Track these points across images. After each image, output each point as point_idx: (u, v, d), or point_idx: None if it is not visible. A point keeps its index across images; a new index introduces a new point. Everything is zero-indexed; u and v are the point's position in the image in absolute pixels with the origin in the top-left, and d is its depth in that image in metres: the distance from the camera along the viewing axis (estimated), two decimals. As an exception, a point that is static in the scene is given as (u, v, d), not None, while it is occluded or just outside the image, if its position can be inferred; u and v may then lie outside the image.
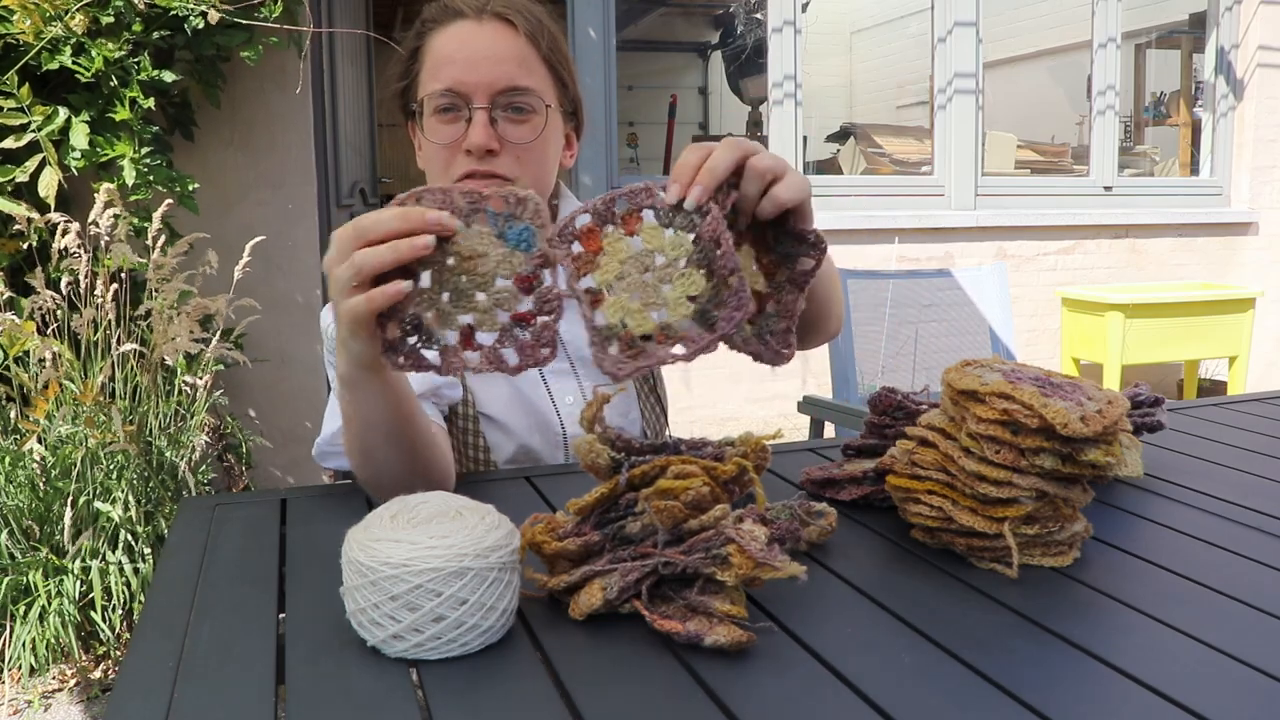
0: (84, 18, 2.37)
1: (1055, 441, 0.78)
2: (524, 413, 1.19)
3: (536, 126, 1.10)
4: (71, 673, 2.19)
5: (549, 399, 1.20)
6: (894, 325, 2.92)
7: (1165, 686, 0.63)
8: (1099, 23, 4.38)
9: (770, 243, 0.83)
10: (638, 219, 0.77)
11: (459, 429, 1.18)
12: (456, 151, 1.08)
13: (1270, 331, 4.56)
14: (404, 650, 0.65)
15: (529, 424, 1.19)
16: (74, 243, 2.27)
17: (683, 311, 0.75)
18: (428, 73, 1.10)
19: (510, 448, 1.19)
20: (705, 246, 0.75)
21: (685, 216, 0.75)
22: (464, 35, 1.09)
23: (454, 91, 1.07)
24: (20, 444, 2.23)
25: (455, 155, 1.08)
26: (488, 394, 1.18)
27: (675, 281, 0.76)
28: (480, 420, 1.18)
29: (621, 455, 0.77)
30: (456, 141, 1.08)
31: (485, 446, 1.18)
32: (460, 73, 1.07)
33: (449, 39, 1.10)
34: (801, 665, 0.65)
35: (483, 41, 1.08)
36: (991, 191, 4.27)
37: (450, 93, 1.07)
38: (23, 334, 2.22)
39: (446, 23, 1.10)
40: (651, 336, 0.76)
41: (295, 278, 3.06)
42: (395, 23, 6.15)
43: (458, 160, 1.08)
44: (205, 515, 0.96)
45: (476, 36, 1.09)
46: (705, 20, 7.22)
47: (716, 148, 0.77)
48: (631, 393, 1.27)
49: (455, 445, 1.18)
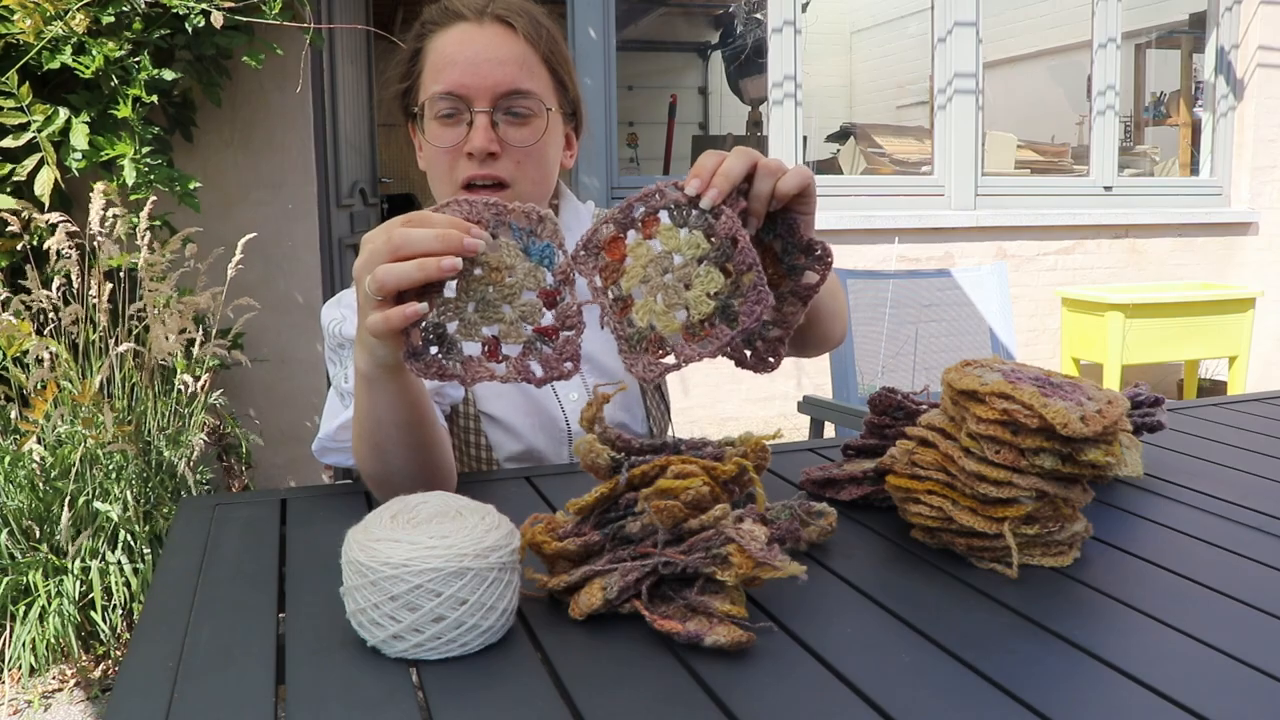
0: (84, 17, 2.37)
1: (1055, 441, 0.78)
2: (528, 411, 1.19)
3: (537, 129, 1.10)
4: (71, 673, 2.19)
5: (554, 396, 1.21)
6: (894, 325, 2.92)
7: (1165, 687, 0.63)
8: (1099, 23, 4.38)
9: (778, 254, 0.85)
10: (655, 221, 0.79)
11: (459, 428, 1.18)
12: (458, 155, 1.08)
13: (1270, 331, 4.56)
14: (404, 650, 0.65)
15: (533, 423, 1.19)
16: (64, 243, 2.27)
17: (705, 309, 0.77)
18: (429, 75, 1.10)
19: (513, 447, 1.19)
20: (722, 244, 0.77)
21: (700, 216, 0.77)
22: (464, 38, 1.09)
23: (455, 95, 1.07)
24: (19, 444, 2.23)
25: (457, 158, 1.08)
26: (489, 393, 1.18)
27: (695, 281, 0.77)
28: (481, 419, 1.18)
29: (621, 455, 0.77)
30: (458, 145, 1.08)
31: (486, 445, 1.18)
32: (461, 76, 1.07)
33: (449, 41, 1.10)
34: (801, 665, 0.65)
35: (483, 44, 1.08)
36: (991, 191, 4.27)
37: (451, 96, 1.08)
38: (21, 334, 2.22)
39: (447, 25, 1.11)
40: (678, 336, 0.78)
41: (295, 278, 3.06)
42: (395, 23, 6.16)
43: (459, 163, 1.08)
44: (205, 515, 0.96)
45: (477, 39, 1.09)
46: (705, 20, 7.22)
47: (730, 154, 0.80)
48: (636, 391, 1.27)
49: (455, 444, 1.19)
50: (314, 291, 3.08)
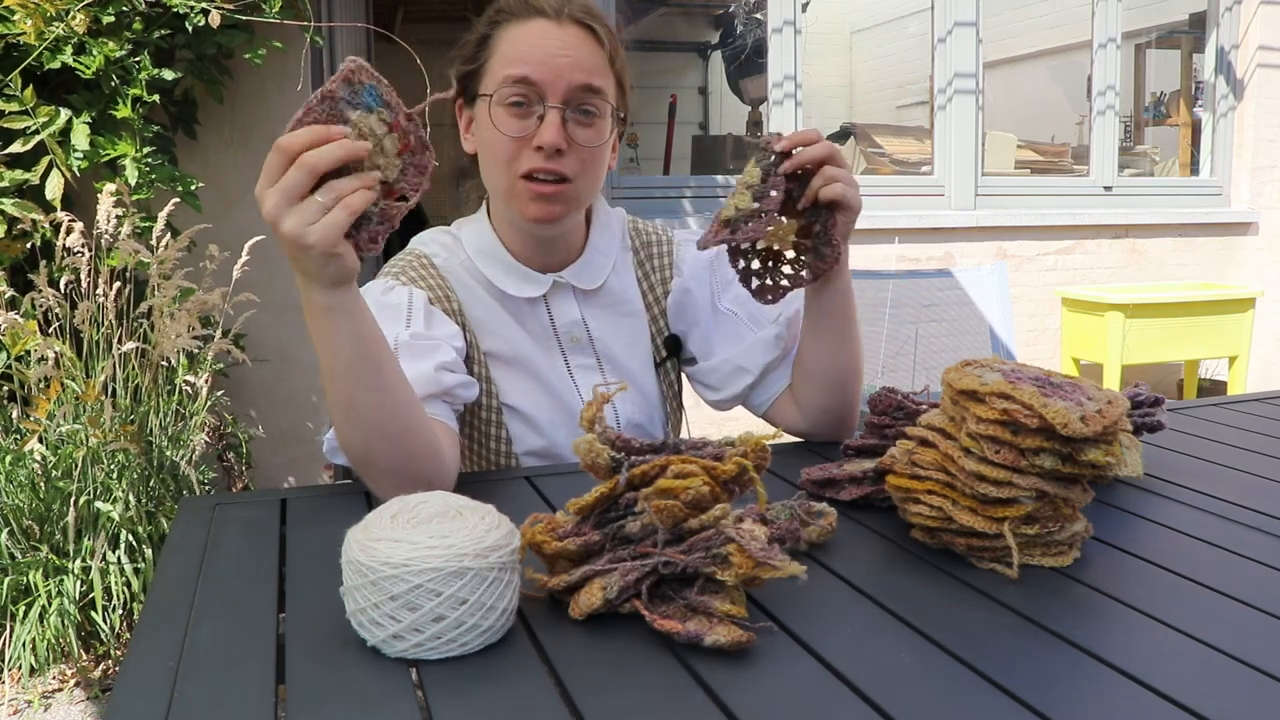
0: (85, 17, 2.37)
1: (1055, 441, 0.78)
2: (548, 406, 1.20)
3: (601, 130, 1.13)
4: (71, 673, 2.19)
5: (575, 391, 1.21)
6: (894, 325, 2.92)
7: (1165, 686, 0.63)
8: (1099, 23, 4.38)
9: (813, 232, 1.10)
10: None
11: (481, 420, 1.18)
12: (525, 145, 1.10)
13: (1270, 331, 4.56)
14: (404, 650, 0.65)
15: (553, 418, 1.20)
16: (78, 242, 2.27)
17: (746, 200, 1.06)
18: (501, 62, 1.12)
19: (534, 441, 1.20)
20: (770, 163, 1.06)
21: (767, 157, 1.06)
22: (542, 33, 1.11)
23: (529, 83, 1.09)
24: (21, 444, 2.23)
25: (523, 149, 1.10)
26: (511, 386, 1.19)
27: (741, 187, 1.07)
28: (504, 411, 1.19)
29: (621, 455, 0.77)
30: (527, 136, 1.10)
31: (508, 439, 1.19)
32: (538, 68, 1.09)
33: (527, 34, 1.11)
34: (801, 665, 0.65)
35: (561, 42, 1.11)
36: (991, 191, 4.27)
37: (525, 83, 1.09)
38: (25, 333, 2.22)
39: (525, 18, 1.12)
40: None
41: (294, 277, 3.06)
42: (395, 22, 6.15)
43: (525, 154, 1.10)
44: (205, 515, 0.96)
45: (554, 35, 1.11)
46: (705, 20, 7.21)
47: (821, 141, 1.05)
48: (655, 397, 1.28)
49: (475, 438, 1.19)
50: (314, 291, 3.08)
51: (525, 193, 1.11)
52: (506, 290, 1.18)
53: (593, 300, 1.23)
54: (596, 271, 1.23)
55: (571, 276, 1.21)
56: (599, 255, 1.24)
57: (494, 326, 1.18)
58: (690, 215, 3.87)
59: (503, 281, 1.18)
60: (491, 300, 1.18)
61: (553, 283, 1.20)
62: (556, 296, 1.21)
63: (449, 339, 1.10)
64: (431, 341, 1.07)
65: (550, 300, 1.21)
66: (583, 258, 1.23)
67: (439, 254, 1.20)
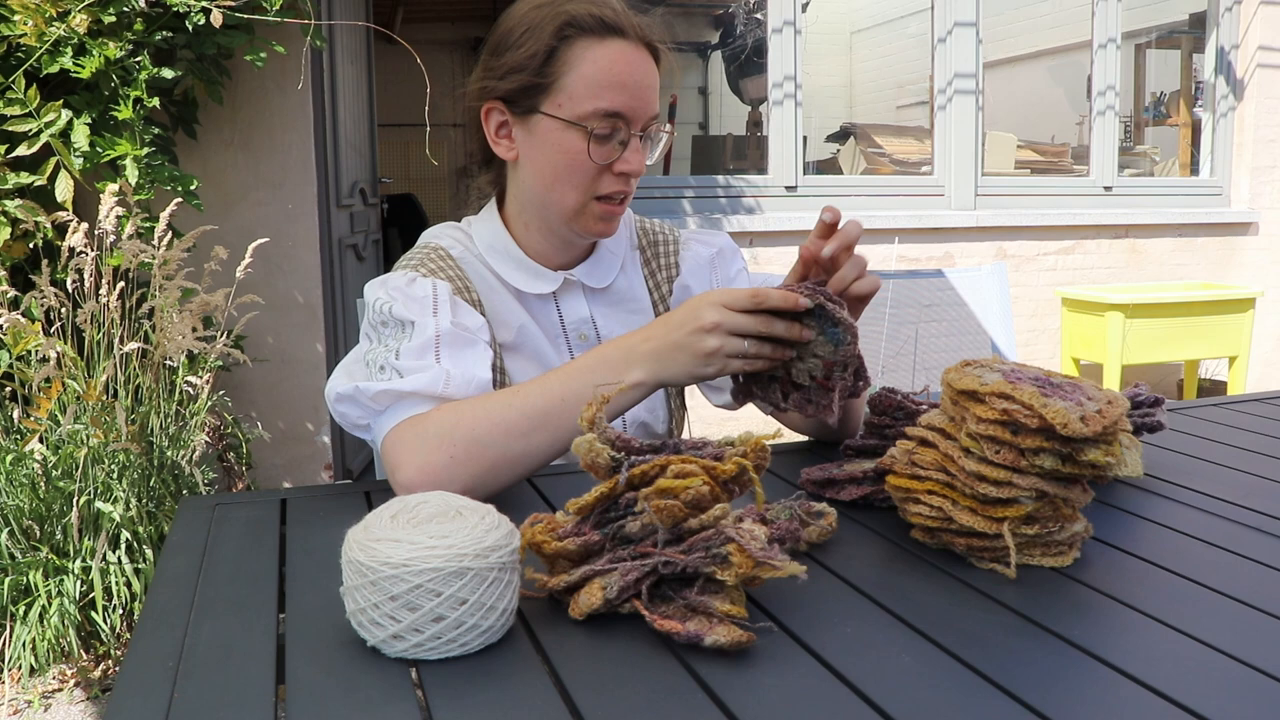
0: (85, 18, 2.37)
1: (1055, 441, 0.78)
2: None
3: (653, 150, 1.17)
4: (71, 673, 2.19)
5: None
6: (894, 325, 2.92)
7: (1165, 686, 0.63)
8: (1099, 23, 4.38)
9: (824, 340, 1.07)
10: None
11: None
12: (605, 170, 1.12)
13: (1270, 331, 4.56)
14: (404, 650, 0.65)
15: None
16: (82, 242, 2.27)
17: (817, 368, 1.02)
18: (585, 87, 1.10)
19: None
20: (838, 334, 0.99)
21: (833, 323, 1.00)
22: (626, 58, 1.11)
23: (621, 116, 1.10)
24: (22, 444, 2.23)
25: (603, 174, 1.12)
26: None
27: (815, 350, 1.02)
28: None
29: (621, 455, 0.77)
30: (610, 162, 1.12)
31: None
32: (629, 102, 1.10)
33: (611, 59, 1.10)
34: (801, 665, 0.65)
35: (642, 69, 1.12)
36: (991, 191, 4.27)
37: (618, 116, 1.10)
38: (28, 332, 2.22)
39: (602, 36, 1.11)
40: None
41: (295, 277, 3.06)
42: (395, 22, 6.15)
43: (605, 178, 1.13)
44: (205, 515, 0.96)
45: (636, 62, 1.12)
46: (705, 20, 7.22)
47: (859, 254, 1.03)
48: (661, 393, 1.29)
49: None
50: (314, 291, 3.08)
51: (598, 212, 1.14)
52: (518, 286, 1.19)
53: (601, 299, 1.24)
54: (606, 270, 1.24)
55: (582, 275, 1.22)
56: (608, 254, 1.25)
57: (508, 319, 1.19)
58: (690, 215, 3.87)
59: (514, 278, 1.19)
60: (506, 293, 1.19)
61: (563, 280, 1.21)
62: (566, 294, 1.23)
63: (478, 330, 1.10)
64: (469, 334, 1.08)
65: (560, 298, 1.22)
66: (593, 256, 1.24)
67: (454, 247, 1.20)
